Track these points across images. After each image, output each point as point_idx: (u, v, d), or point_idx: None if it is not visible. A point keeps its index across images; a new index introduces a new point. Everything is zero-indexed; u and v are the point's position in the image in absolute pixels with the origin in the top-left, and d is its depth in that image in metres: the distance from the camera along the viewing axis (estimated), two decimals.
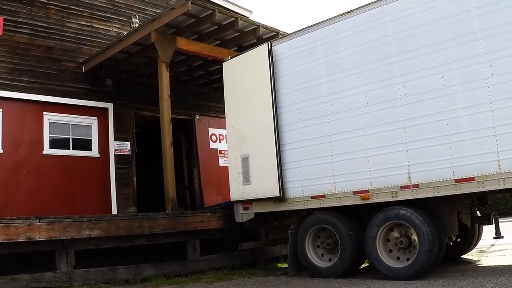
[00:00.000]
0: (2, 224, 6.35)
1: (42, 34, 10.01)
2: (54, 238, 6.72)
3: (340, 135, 6.75)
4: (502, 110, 5.40)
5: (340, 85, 6.81)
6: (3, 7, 9.56)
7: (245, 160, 7.83)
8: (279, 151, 7.41)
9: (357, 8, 6.74)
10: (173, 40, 8.93)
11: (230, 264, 8.59)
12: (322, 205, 6.92)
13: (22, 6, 9.84)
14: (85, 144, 10.25)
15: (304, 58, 7.27)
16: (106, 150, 10.46)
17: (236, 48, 9.91)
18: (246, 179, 7.79)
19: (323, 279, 6.70)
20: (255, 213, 7.88)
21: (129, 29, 10.84)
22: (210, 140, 12.24)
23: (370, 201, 6.39)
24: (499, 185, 5.39)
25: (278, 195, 7.32)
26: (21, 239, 6.45)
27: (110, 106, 10.66)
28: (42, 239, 6.63)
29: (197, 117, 12.16)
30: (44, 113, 9.73)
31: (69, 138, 10.05)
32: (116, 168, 10.46)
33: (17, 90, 9.44)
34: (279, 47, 7.64)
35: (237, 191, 7.93)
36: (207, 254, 8.40)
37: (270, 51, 7.66)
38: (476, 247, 7.96)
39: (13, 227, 6.40)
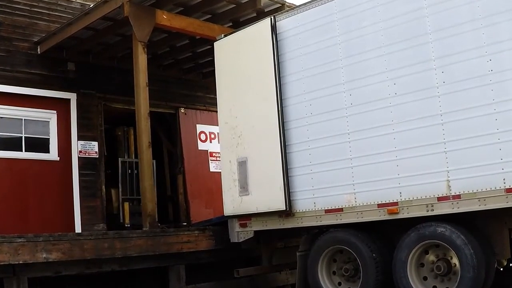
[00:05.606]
0: None
1: None
2: (2, 263, 6.69)
3: (361, 133, 6.77)
4: None
5: (362, 70, 6.83)
6: None
7: (242, 164, 7.85)
8: (285, 153, 7.43)
9: None
10: (151, 13, 8.93)
11: None
12: (339, 221, 6.94)
13: None
14: (41, 145, 10.25)
15: (317, 36, 7.28)
16: (68, 152, 10.45)
17: (231, 24, 9.95)
18: (244, 188, 7.81)
19: None
20: (255, 231, 7.89)
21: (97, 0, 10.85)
22: (198, 140, 12.26)
23: (400, 216, 6.40)
24: None
25: (284, 209, 7.34)
26: None
27: (72, 96, 10.66)
28: None
29: (182, 110, 12.18)
30: None
31: (22, 137, 10.04)
32: (80, 175, 10.46)
33: None
34: (285, 23, 7.66)
35: (233, 203, 7.95)
36: (194, 283, 8.40)
37: (273, 28, 7.67)
38: None
39: None
